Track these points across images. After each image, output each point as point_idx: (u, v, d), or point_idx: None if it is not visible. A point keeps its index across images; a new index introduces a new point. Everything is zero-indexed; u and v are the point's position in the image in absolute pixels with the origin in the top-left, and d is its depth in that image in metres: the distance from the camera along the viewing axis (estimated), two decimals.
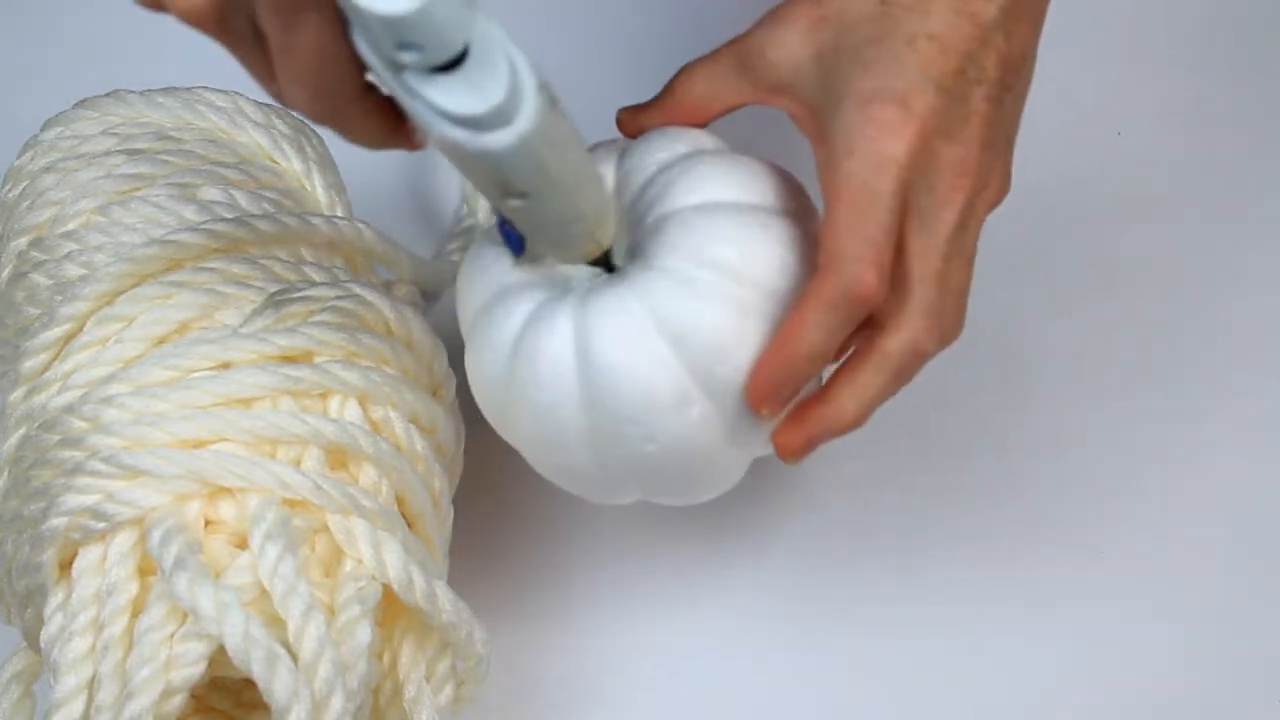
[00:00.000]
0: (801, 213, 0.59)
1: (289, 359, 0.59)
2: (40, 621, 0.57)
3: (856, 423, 0.57)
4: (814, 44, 0.58)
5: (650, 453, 0.56)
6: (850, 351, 0.58)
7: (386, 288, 0.67)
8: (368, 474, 0.59)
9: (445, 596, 0.58)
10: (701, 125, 0.61)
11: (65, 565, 0.57)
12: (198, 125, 0.67)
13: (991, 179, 0.57)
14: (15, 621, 0.61)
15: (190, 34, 0.50)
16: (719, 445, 0.56)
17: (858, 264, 0.54)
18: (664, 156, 0.59)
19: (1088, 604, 0.69)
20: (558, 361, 0.55)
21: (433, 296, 0.78)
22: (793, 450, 0.57)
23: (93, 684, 0.55)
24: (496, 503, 0.72)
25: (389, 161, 0.84)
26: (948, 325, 0.57)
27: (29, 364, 0.61)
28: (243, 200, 0.65)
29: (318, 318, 0.60)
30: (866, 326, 0.56)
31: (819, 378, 0.58)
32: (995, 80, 0.57)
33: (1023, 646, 0.68)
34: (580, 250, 0.57)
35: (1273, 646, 0.68)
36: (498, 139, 0.50)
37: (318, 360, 0.60)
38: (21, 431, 0.60)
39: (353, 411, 0.60)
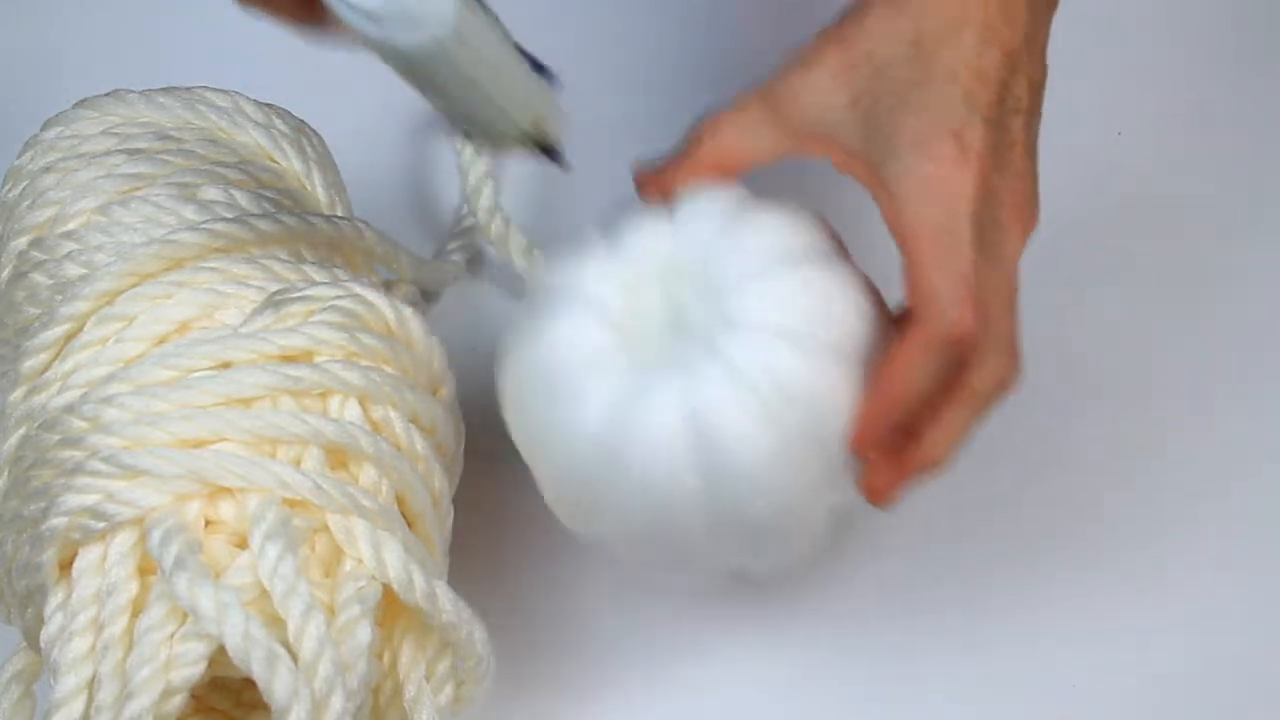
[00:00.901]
0: (844, 251, 0.59)
1: (289, 358, 0.59)
2: (40, 621, 0.57)
3: (948, 461, 0.57)
4: (848, 89, 0.58)
5: (761, 508, 0.56)
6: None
7: (386, 287, 0.67)
8: (368, 474, 0.59)
9: (445, 596, 0.58)
10: (730, 180, 0.60)
11: (65, 565, 0.57)
12: (198, 125, 0.67)
13: (1034, 205, 0.58)
14: (15, 621, 0.61)
15: (191, 33, 0.50)
16: (823, 495, 0.57)
17: (954, 305, 0.55)
18: (718, 216, 0.58)
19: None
20: (668, 437, 0.55)
21: (433, 296, 0.78)
22: (886, 495, 0.58)
23: (93, 684, 0.55)
24: (496, 502, 0.72)
25: (389, 161, 0.84)
26: (1020, 352, 0.57)
27: (29, 364, 0.61)
28: (243, 200, 0.65)
29: (318, 317, 0.60)
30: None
31: None
32: (1028, 108, 0.58)
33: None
34: (512, 143, 0.56)
35: None
36: (408, 38, 0.49)
37: (318, 360, 0.60)
38: (21, 431, 0.60)
39: (353, 411, 0.60)
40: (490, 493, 0.72)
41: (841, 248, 0.59)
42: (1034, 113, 0.58)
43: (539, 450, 0.59)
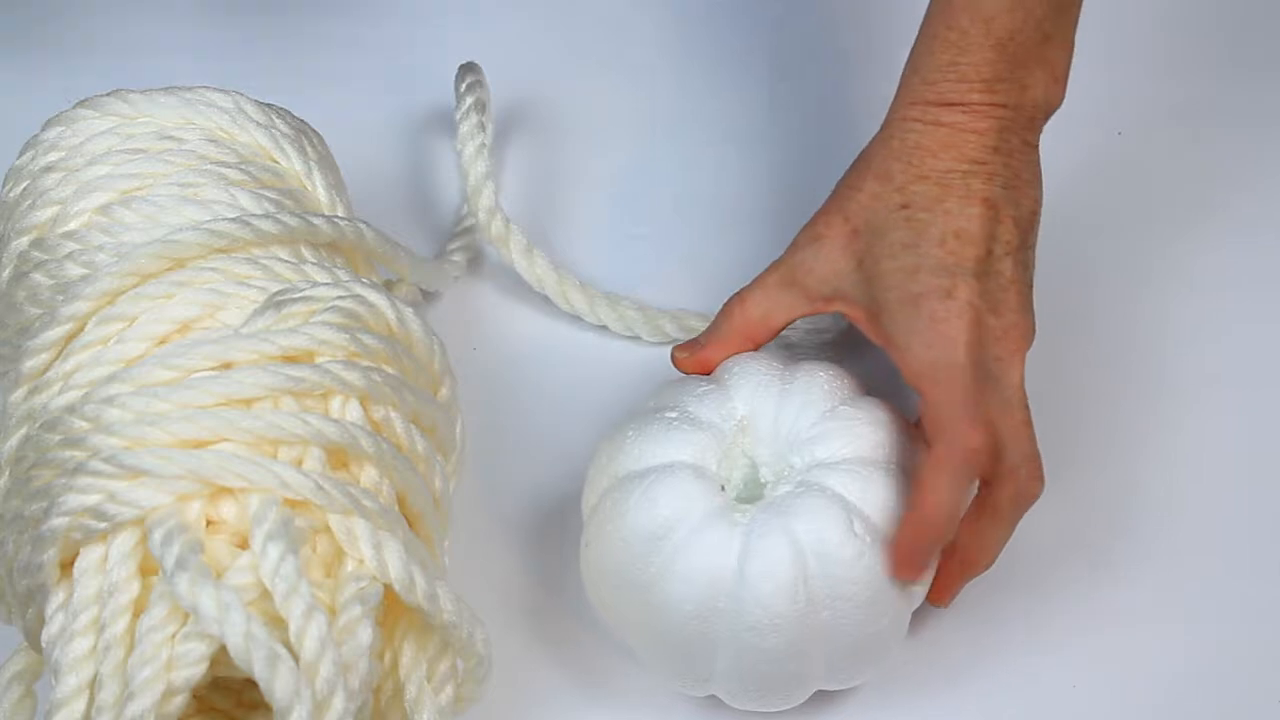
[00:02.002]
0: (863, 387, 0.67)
1: (290, 359, 0.59)
2: (41, 621, 0.57)
3: (989, 565, 0.65)
4: (853, 254, 0.65)
5: (867, 624, 0.61)
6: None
7: (387, 287, 0.67)
8: (369, 474, 0.59)
9: (446, 597, 0.58)
10: (757, 347, 0.68)
11: (66, 565, 0.57)
12: (199, 124, 0.67)
13: (1030, 332, 0.65)
14: (16, 621, 0.61)
15: (191, 34, 0.50)
16: (905, 603, 0.63)
17: (960, 425, 0.61)
18: (768, 377, 0.65)
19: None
20: (785, 575, 0.60)
21: (433, 296, 0.78)
22: (944, 601, 0.66)
23: (94, 684, 0.55)
24: (497, 502, 0.72)
25: (389, 161, 0.84)
26: (1041, 465, 0.64)
27: (30, 363, 0.61)
28: (244, 200, 0.65)
29: (319, 318, 0.60)
30: (981, 483, 0.64)
31: None
32: (1016, 245, 0.65)
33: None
34: None
35: None
36: None
37: (319, 360, 0.60)
38: (23, 431, 0.60)
39: (354, 411, 0.60)
40: (490, 493, 0.72)
41: (864, 385, 0.66)
42: (1023, 244, 0.65)
43: (649, 613, 0.62)
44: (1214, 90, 0.85)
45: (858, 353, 0.68)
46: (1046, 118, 0.66)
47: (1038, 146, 0.66)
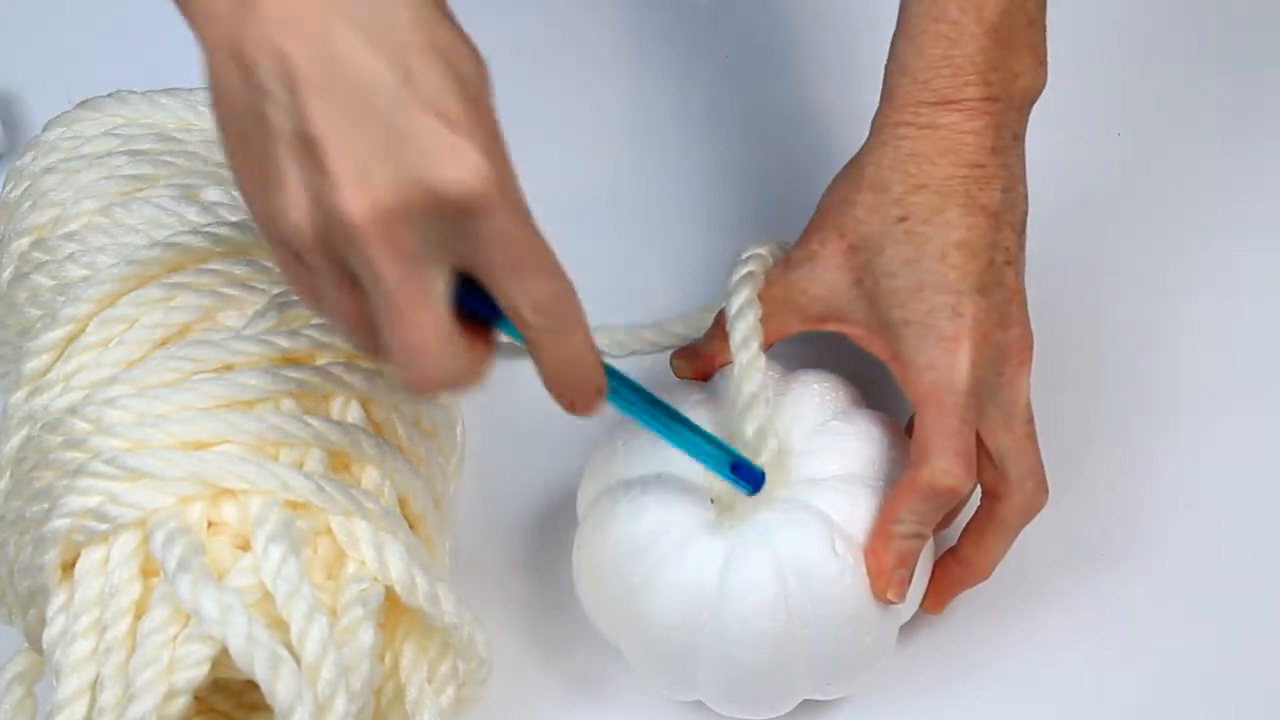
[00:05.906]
0: (861, 399, 0.66)
1: (291, 361, 0.59)
2: (42, 623, 0.57)
3: (987, 576, 0.65)
4: (850, 271, 0.64)
5: (856, 637, 0.61)
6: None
7: None
8: (370, 476, 0.59)
9: (447, 598, 0.58)
10: None
11: (68, 567, 0.57)
12: (200, 126, 0.67)
13: (1031, 342, 0.64)
14: (17, 622, 0.61)
15: (192, 34, 0.51)
16: (886, 623, 0.62)
17: (942, 457, 0.61)
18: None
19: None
20: (765, 592, 0.60)
21: None
22: (938, 608, 0.66)
23: (95, 686, 0.55)
24: (498, 502, 0.72)
25: None
26: (1045, 478, 0.64)
27: (31, 365, 0.61)
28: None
29: (320, 319, 0.60)
30: (985, 495, 0.64)
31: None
32: (1015, 251, 0.64)
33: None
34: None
35: None
36: None
37: (320, 362, 0.60)
38: (24, 432, 0.60)
39: (355, 413, 0.60)
40: (491, 494, 0.72)
41: (859, 396, 0.66)
42: (1019, 245, 0.64)
43: (634, 620, 0.62)
44: (1214, 90, 0.85)
45: (857, 361, 0.68)
46: (1032, 104, 0.65)
47: (1024, 138, 0.65)
